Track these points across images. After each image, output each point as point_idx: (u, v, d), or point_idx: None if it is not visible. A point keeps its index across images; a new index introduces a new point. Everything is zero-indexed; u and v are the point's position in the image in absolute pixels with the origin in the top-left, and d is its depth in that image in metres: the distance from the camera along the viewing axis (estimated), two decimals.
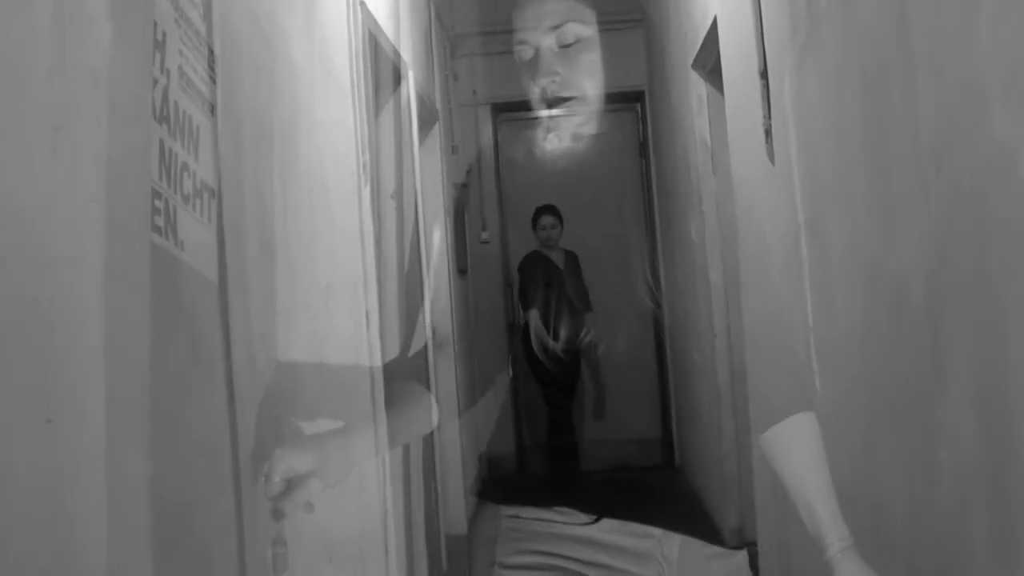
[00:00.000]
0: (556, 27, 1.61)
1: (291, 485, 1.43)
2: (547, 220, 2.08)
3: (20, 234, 1.00)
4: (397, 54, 3.44)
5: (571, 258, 2.17)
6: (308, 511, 1.47)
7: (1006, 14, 1.21)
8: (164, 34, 1.39)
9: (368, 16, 2.84)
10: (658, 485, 5.60)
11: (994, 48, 1.25)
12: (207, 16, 1.55)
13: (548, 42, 1.61)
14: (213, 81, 1.56)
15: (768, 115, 2.48)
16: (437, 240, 2.28)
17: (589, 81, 1.67)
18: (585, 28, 1.64)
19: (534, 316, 1.99)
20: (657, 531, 1.69)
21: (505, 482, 1.86)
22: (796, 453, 1.63)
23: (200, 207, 1.51)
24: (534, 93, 1.64)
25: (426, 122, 4.42)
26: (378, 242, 3.40)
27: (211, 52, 1.54)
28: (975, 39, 1.29)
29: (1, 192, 0.97)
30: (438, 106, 4.77)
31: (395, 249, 3.55)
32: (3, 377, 0.93)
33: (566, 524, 1.72)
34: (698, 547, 1.69)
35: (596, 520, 1.70)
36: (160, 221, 1.34)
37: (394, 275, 3.47)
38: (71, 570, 1.03)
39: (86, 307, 1.09)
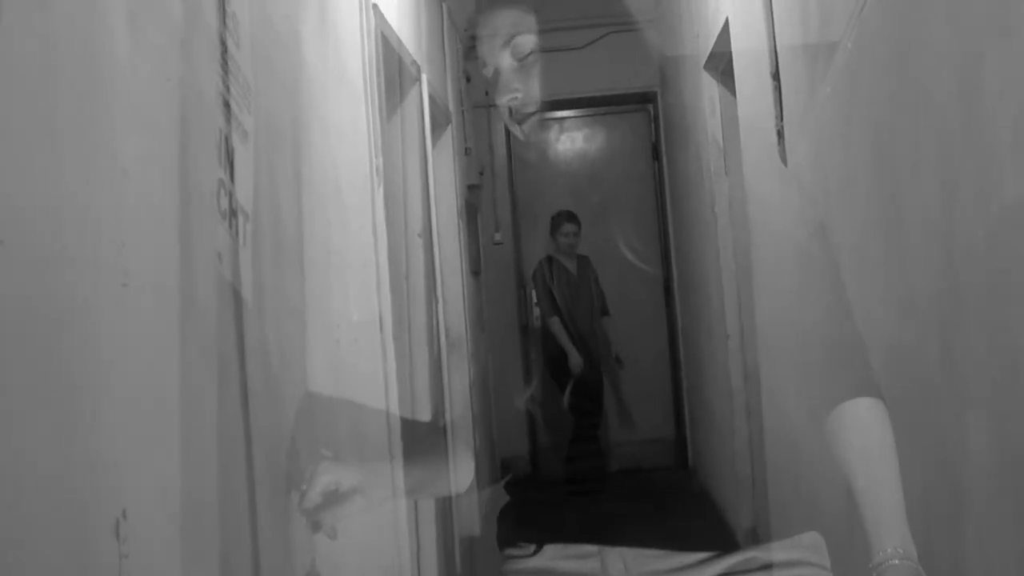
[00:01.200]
0: (508, 42, 1.59)
1: (330, 499, 1.44)
2: (569, 228, 2.06)
3: (84, 233, 1.02)
4: (410, 56, 3.45)
5: (585, 263, 2.16)
6: (332, 536, 1.48)
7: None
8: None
9: (381, 18, 2.85)
10: (671, 486, 5.59)
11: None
12: (234, 31, 1.56)
13: (504, 59, 1.58)
14: (249, 112, 1.58)
15: (781, 116, 2.49)
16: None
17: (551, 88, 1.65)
18: (537, 38, 1.61)
19: (556, 324, 1.98)
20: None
21: (521, 490, 1.83)
22: (866, 439, 1.49)
23: (235, 227, 1.53)
24: (503, 112, 1.61)
25: (439, 124, 4.43)
26: (406, 277, 3.41)
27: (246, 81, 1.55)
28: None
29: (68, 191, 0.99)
30: (451, 108, 4.78)
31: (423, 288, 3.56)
32: (21, 375, 0.94)
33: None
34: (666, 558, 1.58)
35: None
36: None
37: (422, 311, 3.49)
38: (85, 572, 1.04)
39: (113, 310, 1.10)
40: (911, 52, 1.56)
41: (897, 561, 1.33)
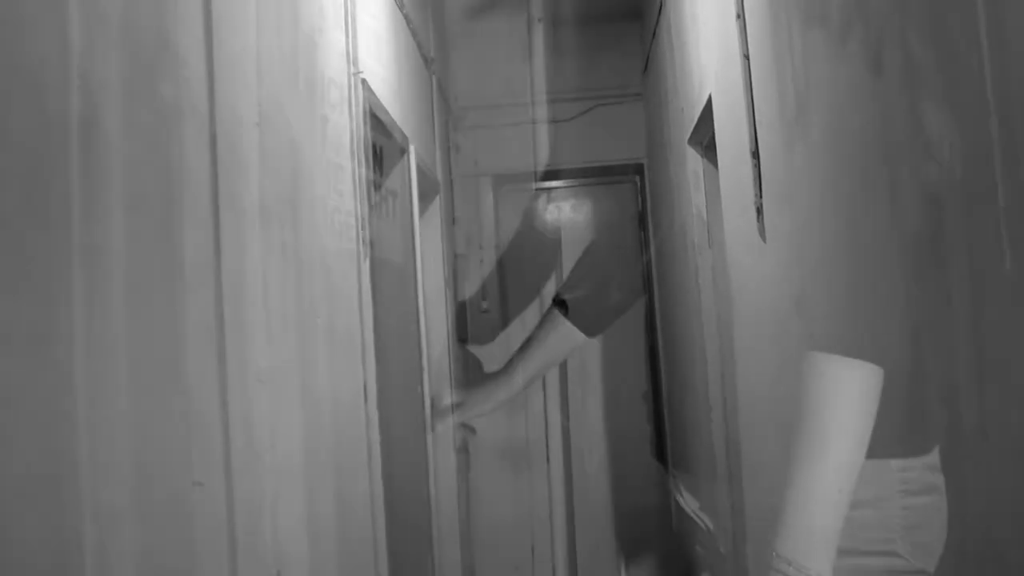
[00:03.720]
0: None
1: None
2: None
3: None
4: (398, 128, 3.51)
5: None
6: (471, 433, 1.57)
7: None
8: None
9: (369, 92, 2.91)
10: (654, 550, 5.55)
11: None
12: (211, 102, 1.61)
13: None
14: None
15: (759, 194, 2.54)
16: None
17: None
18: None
19: None
20: None
21: None
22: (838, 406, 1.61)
23: (220, 296, 1.56)
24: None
25: (427, 194, 4.48)
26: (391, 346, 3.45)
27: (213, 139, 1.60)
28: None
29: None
30: (439, 178, 4.84)
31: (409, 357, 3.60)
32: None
33: None
34: None
35: None
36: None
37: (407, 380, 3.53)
38: None
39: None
40: (879, 136, 1.61)
41: (787, 567, 1.47)
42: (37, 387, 1.04)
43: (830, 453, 1.61)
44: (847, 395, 1.63)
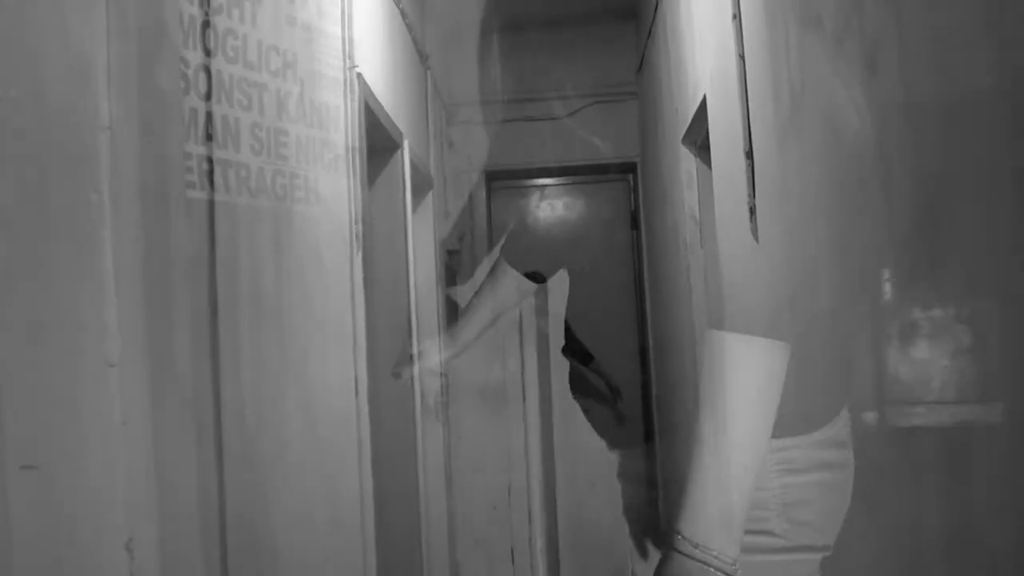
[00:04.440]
0: None
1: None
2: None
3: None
4: (392, 123, 3.51)
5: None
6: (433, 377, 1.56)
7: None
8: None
9: (364, 86, 2.91)
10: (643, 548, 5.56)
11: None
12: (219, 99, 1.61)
13: None
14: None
15: (752, 194, 2.54)
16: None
17: None
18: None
19: None
20: None
21: None
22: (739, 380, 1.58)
23: (214, 287, 1.57)
24: None
25: (420, 189, 4.48)
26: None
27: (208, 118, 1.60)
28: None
29: None
30: (433, 173, 4.84)
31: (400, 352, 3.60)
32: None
33: None
34: None
35: None
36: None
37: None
38: None
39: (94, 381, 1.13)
40: (879, 133, 1.62)
41: (692, 549, 1.46)
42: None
43: (731, 431, 1.59)
44: (749, 373, 1.61)
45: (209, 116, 1.60)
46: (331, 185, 2.46)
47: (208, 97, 1.60)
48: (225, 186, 1.65)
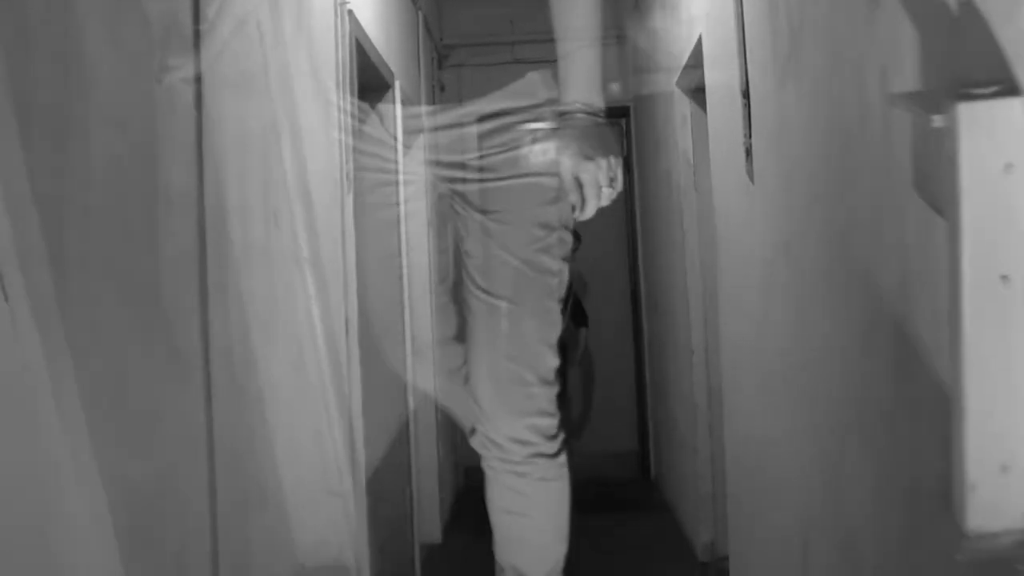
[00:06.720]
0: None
1: None
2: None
3: None
4: (384, 62, 3.46)
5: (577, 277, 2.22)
6: None
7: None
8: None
9: (355, 23, 2.86)
10: (632, 498, 5.60)
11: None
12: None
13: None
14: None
15: (749, 135, 2.51)
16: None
17: None
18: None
19: None
20: None
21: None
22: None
23: (202, 226, 1.53)
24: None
25: (411, 131, 4.43)
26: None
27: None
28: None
29: None
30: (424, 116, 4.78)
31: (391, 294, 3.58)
32: None
33: None
34: None
35: None
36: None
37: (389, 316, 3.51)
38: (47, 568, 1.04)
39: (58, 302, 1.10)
40: (877, 72, 1.58)
41: (581, 114, 1.60)
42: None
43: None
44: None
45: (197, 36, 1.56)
46: (321, 122, 2.42)
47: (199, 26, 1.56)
48: (208, 116, 1.61)
